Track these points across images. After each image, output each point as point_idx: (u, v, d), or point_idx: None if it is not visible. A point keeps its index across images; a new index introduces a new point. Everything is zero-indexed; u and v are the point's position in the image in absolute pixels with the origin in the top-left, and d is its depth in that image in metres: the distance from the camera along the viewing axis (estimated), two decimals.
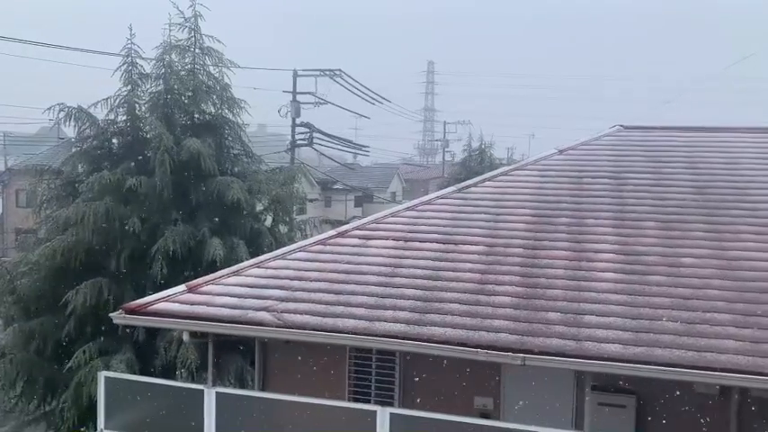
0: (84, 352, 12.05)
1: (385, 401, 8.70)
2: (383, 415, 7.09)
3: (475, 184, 11.06)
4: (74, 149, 14.40)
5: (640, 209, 9.72)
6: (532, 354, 7.08)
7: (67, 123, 14.02)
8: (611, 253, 8.70)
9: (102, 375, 8.45)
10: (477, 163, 36.75)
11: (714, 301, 7.60)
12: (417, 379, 8.83)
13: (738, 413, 7.79)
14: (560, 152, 11.78)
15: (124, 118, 13.96)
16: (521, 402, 8.49)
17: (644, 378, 7.21)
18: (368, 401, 8.86)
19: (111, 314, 8.97)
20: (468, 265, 8.74)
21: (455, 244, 9.27)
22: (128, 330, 12.08)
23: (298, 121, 29.93)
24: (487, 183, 11.04)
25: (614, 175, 10.81)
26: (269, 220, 15.10)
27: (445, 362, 8.09)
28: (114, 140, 14.22)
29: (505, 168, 11.99)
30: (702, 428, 7.83)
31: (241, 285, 8.82)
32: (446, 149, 61.70)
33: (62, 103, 13.82)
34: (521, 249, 8.98)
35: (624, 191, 10.29)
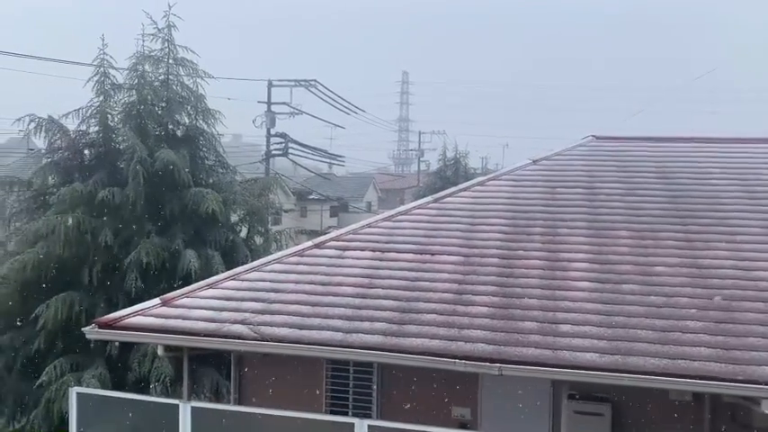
0: (54, 367, 11.83)
1: (363, 413, 8.67)
2: (361, 427, 7.04)
3: (451, 195, 11.12)
4: (44, 161, 14.19)
5: (613, 218, 9.86)
6: (509, 363, 7.11)
7: (38, 134, 13.83)
8: (586, 262, 8.80)
9: (74, 391, 8.27)
10: (453, 172, 36.97)
11: (686, 309, 7.72)
12: (395, 390, 8.82)
13: (711, 419, 7.91)
14: (534, 162, 11.91)
15: (96, 129, 13.80)
16: (498, 412, 8.51)
17: (619, 386, 7.29)
18: (345, 413, 8.82)
19: (83, 328, 8.82)
20: (445, 276, 8.77)
21: (432, 254, 9.29)
22: (101, 345, 11.89)
23: (273, 131, 29.88)
24: (463, 193, 11.10)
25: (587, 184, 10.96)
26: (244, 232, 15.01)
27: (423, 373, 8.09)
28: (86, 152, 14.05)
29: (481, 179, 12.07)
30: None
31: (217, 298, 8.74)
32: (421, 159, 62.05)
33: (32, 114, 13.63)
34: (497, 259, 9.04)
35: (597, 200, 10.43)
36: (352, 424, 7.13)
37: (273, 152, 30.03)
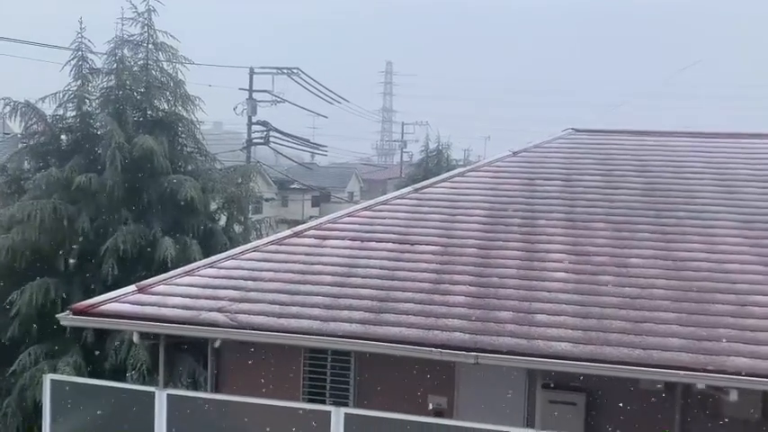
0: (29, 354, 11.71)
1: (340, 402, 8.69)
2: (338, 415, 7.09)
3: (431, 185, 11.15)
4: (20, 145, 14.01)
5: (590, 210, 9.95)
6: (485, 353, 7.18)
7: (13, 118, 13.62)
8: (562, 253, 8.88)
9: (48, 378, 8.21)
10: (435, 164, 36.97)
11: (660, 301, 7.84)
12: (372, 379, 8.85)
13: (682, 408, 8.05)
14: (514, 154, 11.97)
15: (73, 114, 13.61)
16: (474, 400, 8.59)
17: (593, 376, 7.39)
18: (323, 402, 8.85)
19: (58, 315, 8.74)
20: (424, 265, 8.81)
21: (411, 244, 9.32)
22: (77, 332, 11.78)
23: (254, 119, 29.66)
24: (443, 183, 11.14)
25: (566, 177, 11.04)
26: (223, 220, 14.92)
27: (400, 361, 8.13)
28: (63, 137, 13.87)
29: (461, 170, 12.11)
30: (649, 423, 8.06)
31: (194, 286, 8.70)
32: (404, 150, 62.05)
33: (8, 98, 13.41)
34: (475, 249, 9.10)
35: (575, 192, 10.51)
36: (329, 412, 7.17)
37: (255, 140, 29.84)
